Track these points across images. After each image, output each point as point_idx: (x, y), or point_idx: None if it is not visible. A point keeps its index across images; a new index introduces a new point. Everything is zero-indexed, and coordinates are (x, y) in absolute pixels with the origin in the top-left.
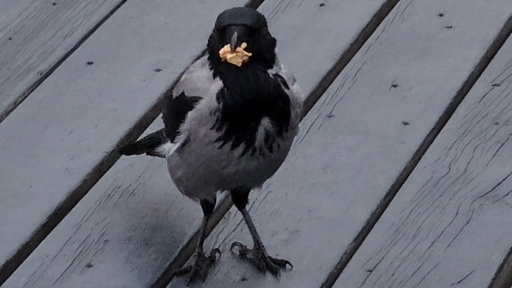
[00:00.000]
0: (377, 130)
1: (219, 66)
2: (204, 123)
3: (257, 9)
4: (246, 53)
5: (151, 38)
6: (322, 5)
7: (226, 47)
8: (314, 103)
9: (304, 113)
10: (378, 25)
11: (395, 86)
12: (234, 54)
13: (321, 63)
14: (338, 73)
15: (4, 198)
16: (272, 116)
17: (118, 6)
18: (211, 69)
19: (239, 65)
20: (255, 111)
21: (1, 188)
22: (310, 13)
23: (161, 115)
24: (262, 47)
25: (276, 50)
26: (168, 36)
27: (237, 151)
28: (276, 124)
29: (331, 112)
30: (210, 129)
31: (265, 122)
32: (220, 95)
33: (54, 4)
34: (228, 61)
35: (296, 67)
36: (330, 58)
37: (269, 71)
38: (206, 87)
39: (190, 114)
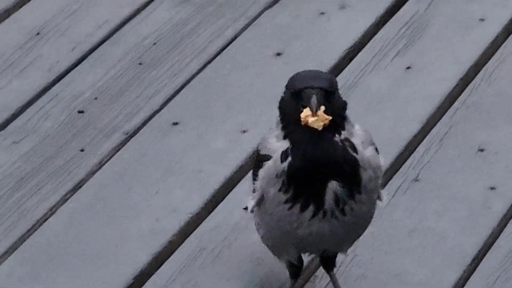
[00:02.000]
0: (464, 194)
1: (290, 128)
2: (272, 184)
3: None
4: (326, 116)
5: (237, 99)
6: (408, 68)
7: (307, 111)
8: (400, 166)
9: (390, 177)
10: (464, 88)
11: (481, 150)
12: (316, 118)
13: (407, 127)
14: (424, 137)
15: (89, 258)
16: (340, 180)
17: (204, 67)
18: (282, 130)
19: (320, 128)
20: (321, 175)
21: (87, 248)
22: (396, 76)
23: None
24: (336, 111)
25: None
26: (254, 97)
27: (307, 213)
28: (346, 187)
29: (417, 176)
30: (278, 190)
31: (333, 185)
32: (284, 157)
33: (140, 64)
34: (310, 125)
35: (382, 130)
36: (416, 121)
37: (338, 136)
38: (275, 147)
39: (260, 172)
